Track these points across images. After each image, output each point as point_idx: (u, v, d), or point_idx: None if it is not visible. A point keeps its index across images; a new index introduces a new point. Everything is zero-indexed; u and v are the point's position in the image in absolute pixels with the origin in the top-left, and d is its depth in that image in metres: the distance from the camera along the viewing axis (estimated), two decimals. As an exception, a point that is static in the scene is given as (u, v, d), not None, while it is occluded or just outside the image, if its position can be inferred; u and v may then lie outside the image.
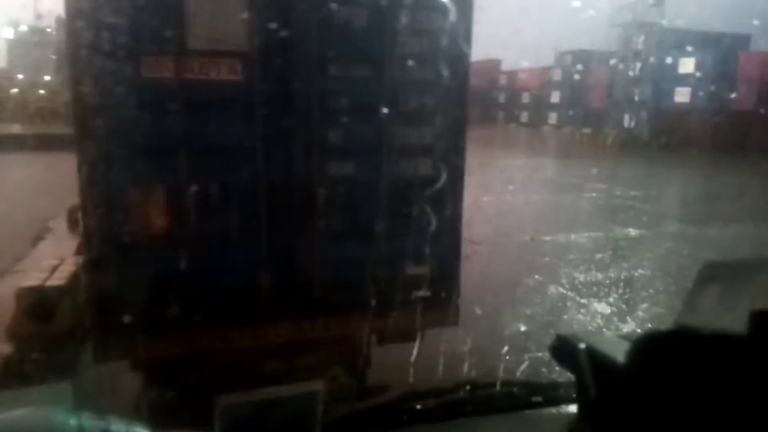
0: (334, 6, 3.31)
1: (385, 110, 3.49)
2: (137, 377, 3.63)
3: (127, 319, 3.29)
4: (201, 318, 3.36)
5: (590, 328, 5.92)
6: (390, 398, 1.61)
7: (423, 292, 3.68)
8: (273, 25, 3.23)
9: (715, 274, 0.96)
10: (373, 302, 3.64)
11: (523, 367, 4.84)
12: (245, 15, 3.17)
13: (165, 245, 3.34)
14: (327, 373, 3.97)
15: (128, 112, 3.11)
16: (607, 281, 7.52)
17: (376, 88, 3.46)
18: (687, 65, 36.74)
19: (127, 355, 3.44)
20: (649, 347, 0.85)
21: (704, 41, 37.04)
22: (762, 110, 32.00)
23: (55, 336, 4.12)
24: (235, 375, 3.64)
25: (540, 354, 5.18)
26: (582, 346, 1.07)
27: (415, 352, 3.67)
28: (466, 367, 4.05)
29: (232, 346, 3.44)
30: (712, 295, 0.97)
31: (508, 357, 5.08)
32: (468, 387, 1.60)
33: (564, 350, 1.13)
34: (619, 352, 0.96)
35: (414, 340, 3.79)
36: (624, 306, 6.59)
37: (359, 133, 3.50)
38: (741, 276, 0.96)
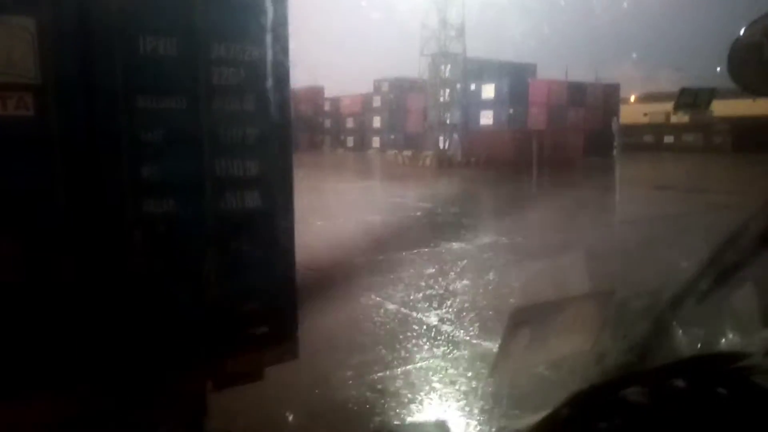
0: (139, 34, 3.09)
1: (204, 143, 3.33)
2: None
3: None
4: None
5: (418, 340, 6.19)
6: None
7: (258, 329, 3.54)
8: (68, 53, 2.92)
9: (523, 319, 1.04)
10: (205, 346, 3.42)
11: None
12: (33, 42, 2.82)
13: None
14: (163, 428, 3.63)
15: None
16: (435, 294, 7.97)
17: (192, 120, 3.29)
18: (488, 91, 41.07)
19: None
20: None
21: (501, 70, 41.75)
22: (550, 129, 36.90)
23: None
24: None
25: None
26: None
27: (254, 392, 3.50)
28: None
29: (36, 419, 2.97)
30: (522, 339, 1.05)
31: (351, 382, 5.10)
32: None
33: None
34: None
35: (254, 380, 3.62)
36: (451, 316, 7.02)
37: (177, 168, 3.29)
38: (545, 318, 1.05)
